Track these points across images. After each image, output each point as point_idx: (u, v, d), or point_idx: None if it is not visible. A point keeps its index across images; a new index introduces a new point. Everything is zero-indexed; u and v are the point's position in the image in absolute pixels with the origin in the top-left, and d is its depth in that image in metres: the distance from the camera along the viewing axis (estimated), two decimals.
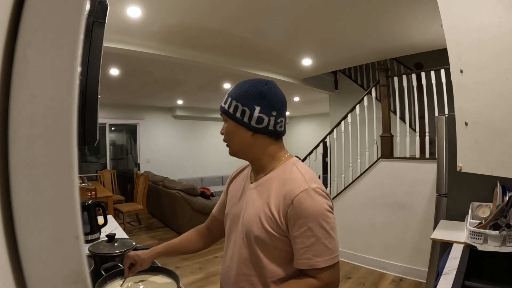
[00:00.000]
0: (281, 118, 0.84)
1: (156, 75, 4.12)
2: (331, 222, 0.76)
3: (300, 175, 0.79)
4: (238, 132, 0.83)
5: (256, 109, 0.80)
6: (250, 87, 0.82)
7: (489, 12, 1.04)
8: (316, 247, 0.74)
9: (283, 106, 0.85)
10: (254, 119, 0.80)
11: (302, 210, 0.74)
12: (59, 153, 0.28)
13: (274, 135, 0.85)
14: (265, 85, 0.82)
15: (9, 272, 0.27)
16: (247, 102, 0.80)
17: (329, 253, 0.75)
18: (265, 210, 0.80)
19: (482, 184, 1.95)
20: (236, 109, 0.81)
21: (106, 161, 6.39)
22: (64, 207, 0.28)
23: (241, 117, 0.80)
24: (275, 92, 0.83)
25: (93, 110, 0.94)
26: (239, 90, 0.82)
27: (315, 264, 0.74)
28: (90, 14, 0.89)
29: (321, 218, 0.74)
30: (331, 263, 0.75)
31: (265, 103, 0.81)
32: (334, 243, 0.76)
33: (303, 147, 7.59)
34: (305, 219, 0.74)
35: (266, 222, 0.80)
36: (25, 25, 0.28)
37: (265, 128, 0.81)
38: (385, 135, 3.31)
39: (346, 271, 3.28)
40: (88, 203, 1.56)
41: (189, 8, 2.32)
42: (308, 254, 0.75)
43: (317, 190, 0.76)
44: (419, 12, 2.41)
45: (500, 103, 1.02)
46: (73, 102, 0.28)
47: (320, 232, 0.74)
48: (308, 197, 0.74)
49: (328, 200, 0.78)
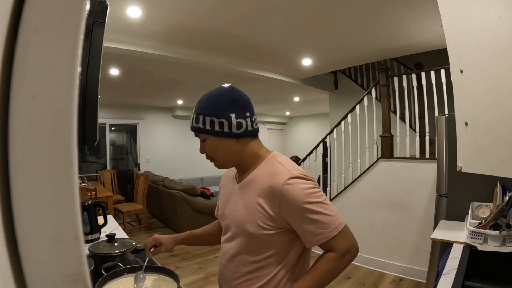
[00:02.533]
0: (254, 116, 0.87)
1: (156, 75, 4.12)
2: (321, 194, 0.81)
3: (281, 166, 0.83)
4: (222, 144, 0.84)
5: (232, 116, 0.81)
6: (217, 98, 0.83)
7: (489, 12, 1.04)
8: (322, 220, 0.78)
9: (250, 105, 0.88)
10: (234, 126, 0.82)
11: (293, 197, 0.78)
12: (59, 153, 0.28)
13: (254, 134, 0.88)
14: (231, 91, 0.84)
15: (9, 272, 0.27)
16: (221, 113, 0.81)
17: (335, 220, 0.80)
18: (257, 207, 0.83)
19: (482, 184, 1.95)
20: (212, 123, 0.81)
21: (106, 161, 6.39)
22: (64, 207, 0.28)
23: (221, 129, 0.81)
24: (241, 95, 0.86)
25: (93, 110, 0.94)
26: (207, 105, 0.82)
27: (329, 235, 0.78)
28: (90, 14, 0.89)
29: (312, 197, 0.78)
30: (341, 227, 0.80)
31: (238, 108, 0.83)
32: (333, 209, 0.81)
33: (303, 147, 7.59)
34: (299, 204, 0.78)
35: (260, 219, 0.82)
36: (25, 25, 0.28)
37: (245, 130, 0.84)
38: (385, 135, 3.31)
39: (346, 271, 3.28)
40: (88, 203, 1.56)
41: (189, 8, 2.32)
42: (318, 230, 0.78)
43: (300, 176, 0.80)
44: (419, 12, 2.41)
45: (500, 103, 1.02)
46: (73, 102, 0.28)
47: (318, 207, 0.78)
48: (294, 184, 0.78)
49: (311, 181, 0.82)
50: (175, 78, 4.30)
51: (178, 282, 0.96)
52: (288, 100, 6.47)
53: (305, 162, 4.04)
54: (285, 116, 9.62)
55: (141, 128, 6.76)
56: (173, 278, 0.99)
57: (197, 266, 3.43)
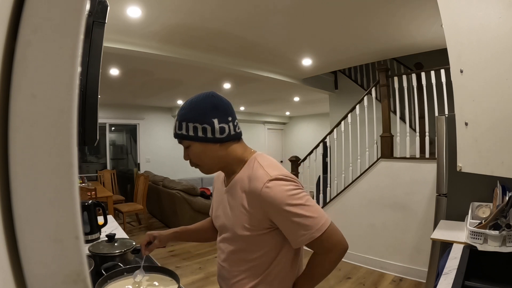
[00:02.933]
0: (236, 120, 0.88)
1: (156, 75, 4.12)
2: (303, 195, 0.80)
3: (261, 168, 0.82)
4: (207, 150, 0.85)
5: (214, 121, 0.82)
6: (199, 104, 0.83)
7: (489, 12, 1.04)
8: (304, 222, 0.78)
9: (232, 109, 0.88)
10: (217, 131, 0.82)
11: (273, 200, 0.78)
12: (59, 153, 0.28)
13: (237, 137, 0.88)
14: (212, 97, 0.85)
15: (9, 272, 0.27)
16: (203, 119, 0.82)
17: (318, 221, 0.79)
18: (242, 210, 0.84)
19: (482, 184, 1.95)
20: (195, 130, 0.82)
21: (106, 161, 6.38)
22: (64, 207, 0.28)
23: (204, 134, 0.82)
24: (222, 100, 0.86)
25: (93, 110, 0.94)
26: (190, 111, 0.83)
27: (313, 236, 0.78)
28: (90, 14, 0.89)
29: (292, 199, 0.78)
30: (324, 228, 0.79)
31: (220, 113, 0.83)
32: (316, 209, 0.80)
33: (303, 147, 7.59)
34: (280, 206, 0.77)
35: (246, 221, 0.83)
36: (25, 25, 0.28)
37: (228, 135, 0.84)
38: (385, 135, 3.31)
39: (346, 271, 3.28)
40: (88, 203, 1.56)
41: (189, 8, 2.31)
42: (301, 231, 0.78)
43: (279, 177, 0.79)
44: (419, 12, 2.41)
45: (500, 103, 1.02)
46: (73, 102, 0.28)
47: (299, 210, 0.77)
48: (273, 187, 0.78)
49: (291, 181, 0.81)
50: (175, 78, 4.30)
51: (178, 282, 0.96)
52: (288, 100, 6.47)
53: (305, 162, 4.04)
54: (285, 116, 9.62)
55: (141, 128, 6.76)
56: (173, 278, 0.99)
57: (197, 266, 3.43)
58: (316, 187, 4.20)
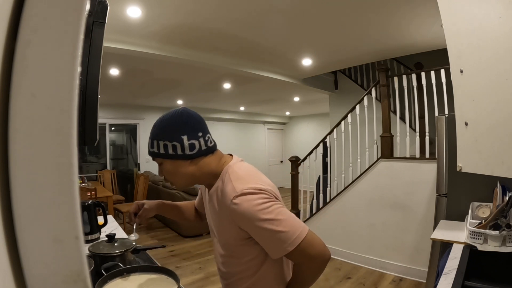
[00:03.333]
0: (207, 135, 0.87)
1: (156, 75, 4.12)
2: (273, 209, 0.77)
3: (230, 183, 0.82)
4: (178, 167, 0.85)
5: (183, 138, 0.82)
6: (168, 122, 0.84)
7: (489, 12, 1.04)
8: (276, 237, 0.76)
9: (202, 124, 0.88)
10: (186, 148, 0.83)
11: (243, 215, 0.77)
12: (59, 153, 0.28)
13: (209, 152, 0.88)
14: (181, 114, 0.85)
15: (9, 272, 0.27)
16: (173, 137, 0.82)
17: (291, 235, 0.76)
18: (221, 221, 0.85)
19: (482, 184, 1.95)
20: (166, 147, 0.83)
21: (106, 161, 6.38)
22: (64, 207, 0.28)
23: (174, 152, 0.83)
24: (191, 116, 0.86)
25: (93, 110, 0.94)
26: (160, 129, 0.84)
27: (286, 250, 0.77)
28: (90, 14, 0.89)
29: (261, 214, 0.75)
30: (298, 241, 0.76)
31: (189, 129, 0.83)
32: (288, 223, 0.76)
33: (303, 147, 7.59)
34: (250, 222, 0.77)
35: (228, 233, 0.85)
36: (25, 25, 0.28)
37: (199, 150, 0.84)
38: (385, 135, 3.31)
39: (346, 271, 3.28)
40: (88, 203, 1.56)
41: (189, 8, 2.31)
42: (274, 245, 0.78)
43: (245, 192, 0.77)
44: (419, 12, 2.41)
45: (500, 103, 1.02)
46: (73, 102, 0.28)
47: (269, 225, 0.75)
48: (240, 204, 0.77)
49: (260, 194, 0.78)
50: (175, 78, 4.30)
51: (178, 282, 0.96)
52: (288, 100, 6.47)
53: (305, 162, 4.04)
54: (285, 116, 9.62)
55: (141, 128, 6.76)
56: (173, 278, 0.99)
57: (197, 266, 3.43)
58: (316, 187, 4.20)
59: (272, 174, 9.40)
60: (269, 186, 0.82)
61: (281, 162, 9.67)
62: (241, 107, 7.57)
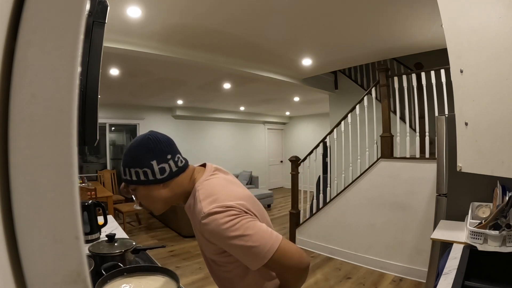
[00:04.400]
0: (176, 155, 0.87)
1: (156, 75, 4.12)
2: (240, 225, 0.76)
3: (199, 203, 0.82)
4: (152, 192, 0.86)
5: (153, 163, 0.83)
6: (136, 149, 0.84)
7: (489, 12, 1.04)
8: (248, 251, 0.76)
9: (171, 145, 0.88)
10: (157, 173, 0.83)
11: (213, 235, 0.78)
12: (59, 153, 0.28)
13: (181, 171, 0.88)
14: (147, 139, 0.85)
15: (9, 272, 0.27)
16: (142, 163, 0.82)
17: (261, 248, 0.76)
18: (202, 237, 0.86)
19: (482, 184, 1.95)
20: (137, 174, 0.83)
21: (106, 161, 6.38)
22: (64, 207, 0.28)
23: (145, 178, 0.83)
24: (158, 140, 0.86)
25: (93, 110, 0.94)
26: (130, 157, 0.84)
27: (261, 262, 0.77)
28: (90, 14, 0.89)
29: (229, 232, 0.75)
30: (271, 254, 0.76)
31: (157, 154, 0.84)
32: (258, 237, 0.76)
33: (303, 147, 7.59)
34: (221, 240, 0.78)
35: (206, 246, 0.87)
36: (25, 25, 0.28)
37: (170, 173, 0.85)
38: (385, 135, 3.31)
39: (346, 271, 3.28)
40: (88, 203, 1.56)
41: (189, 8, 2.32)
42: (248, 258, 0.79)
43: (212, 212, 0.77)
44: (419, 12, 2.41)
45: (500, 103, 1.02)
46: (73, 102, 0.28)
47: (239, 241, 0.75)
48: (208, 224, 0.77)
49: (227, 211, 0.77)
50: (175, 78, 4.30)
51: (178, 282, 0.96)
52: (288, 100, 6.47)
53: (305, 162, 4.04)
54: (285, 116, 9.62)
55: (141, 128, 6.75)
56: (173, 278, 0.99)
57: (197, 266, 3.43)
58: (316, 187, 4.20)
59: (272, 174, 9.41)
60: (239, 200, 0.82)
61: (281, 162, 9.67)
62: (241, 107, 7.57)
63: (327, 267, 3.39)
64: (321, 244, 3.76)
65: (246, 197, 0.86)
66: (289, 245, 0.80)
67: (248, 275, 0.89)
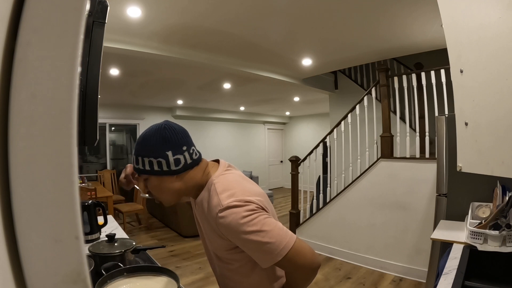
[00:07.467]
0: (191, 147, 0.86)
1: (156, 75, 4.12)
2: (258, 220, 0.76)
3: (216, 196, 0.81)
4: (164, 183, 0.84)
5: (168, 154, 0.81)
6: (151, 139, 0.82)
7: (489, 12, 1.04)
8: (263, 248, 0.76)
9: (186, 137, 0.86)
10: (172, 164, 0.82)
11: (229, 228, 0.77)
12: (59, 153, 0.28)
13: (195, 164, 0.87)
14: (164, 129, 0.83)
15: (9, 272, 0.27)
16: (157, 153, 0.81)
17: (277, 245, 0.76)
18: (209, 230, 0.86)
19: (482, 184, 1.95)
20: (151, 164, 0.81)
21: (106, 161, 6.38)
22: (64, 207, 0.28)
23: (159, 168, 0.82)
24: (174, 131, 0.84)
25: (93, 110, 0.94)
26: (144, 146, 0.82)
27: (274, 260, 0.77)
28: (90, 14, 0.88)
29: (247, 226, 0.75)
30: (286, 251, 0.76)
31: (173, 145, 0.82)
32: (274, 234, 0.76)
33: (303, 147, 7.59)
34: (236, 234, 0.77)
35: (215, 241, 0.86)
36: (25, 25, 0.28)
37: (185, 164, 0.84)
38: (385, 135, 3.31)
39: (346, 271, 3.28)
40: (88, 203, 1.56)
41: (189, 8, 2.31)
42: (261, 255, 0.78)
43: (230, 205, 0.77)
44: (419, 12, 2.41)
45: (500, 103, 1.02)
46: (73, 102, 0.28)
47: (255, 237, 0.75)
48: (226, 217, 0.76)
49: (245, 206, 0.77)
50: (175, 78, 4.30)
51: (178, 282, 0.96)
52: (288, 100, 6.47)
53: (305, 162, 4.04)
54: (285, 116, 9.62)
55: (141, 128, 6.75)
56: (173, 278, 0.99)
57: (197, 266, 3.43)
58: (316, 187, 4.20)
59: (272, 174, 9.40)
60: (256, 196, 0.81)
61: (281, 162, 9.67)
62: (241, 107, 7.57)
63: (327, 267, 3.39)
64: (321, 244, 3.76)
65: (261, 194, 0.85)
66: (302, 245, 0.80)
67: (253, 274, 0.88)
